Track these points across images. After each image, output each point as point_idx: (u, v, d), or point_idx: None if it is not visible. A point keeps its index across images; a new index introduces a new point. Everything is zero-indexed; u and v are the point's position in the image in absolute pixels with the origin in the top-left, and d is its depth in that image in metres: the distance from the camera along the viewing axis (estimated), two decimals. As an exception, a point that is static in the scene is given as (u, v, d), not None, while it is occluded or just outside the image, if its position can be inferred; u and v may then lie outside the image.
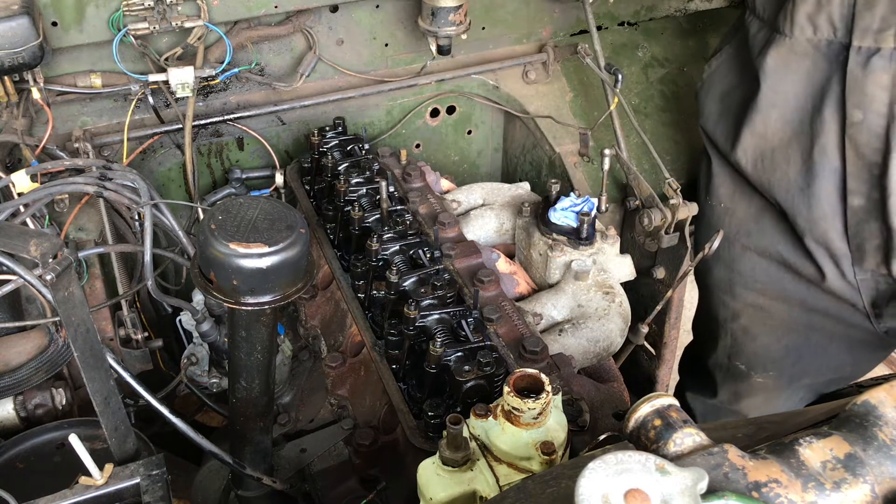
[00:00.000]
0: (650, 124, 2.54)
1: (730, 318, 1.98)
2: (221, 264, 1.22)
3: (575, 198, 1.99)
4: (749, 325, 1.94)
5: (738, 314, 1.96)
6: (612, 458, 0.75)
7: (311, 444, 1.90)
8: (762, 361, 1.98)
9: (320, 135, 2.18)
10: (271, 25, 2.24)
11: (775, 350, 1.94)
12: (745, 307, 1.93)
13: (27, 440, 1.64)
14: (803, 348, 1.90)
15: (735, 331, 1.98)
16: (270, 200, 1.31)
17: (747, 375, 2.02)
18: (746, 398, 2.11)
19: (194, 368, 2.04)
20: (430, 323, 1.61)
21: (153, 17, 2.03)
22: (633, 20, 2.69)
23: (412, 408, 1.56)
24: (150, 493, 1.29)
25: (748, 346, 1.98)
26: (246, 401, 1.50)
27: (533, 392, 1.17)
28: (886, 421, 0.84)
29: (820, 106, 1.59)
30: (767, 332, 1.92)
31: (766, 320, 1.91)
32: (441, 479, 1.17)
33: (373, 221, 1.90)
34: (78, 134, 2.07)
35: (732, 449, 0.82)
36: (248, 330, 1.36)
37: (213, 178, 2.43)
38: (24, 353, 1.77)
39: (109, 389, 1.31)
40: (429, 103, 2.55)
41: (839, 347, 1.87)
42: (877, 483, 0.80)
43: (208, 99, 2.29)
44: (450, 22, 2.25)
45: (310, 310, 1.98)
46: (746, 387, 2.06)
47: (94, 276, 1.98)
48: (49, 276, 1.09)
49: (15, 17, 1.77)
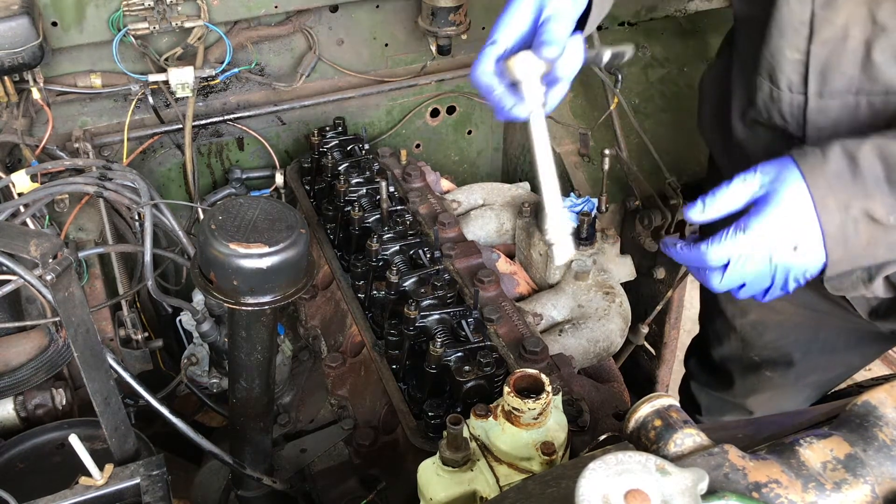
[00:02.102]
0: (650, 124, 2.54)
1: (739, 314, 1.99)
2: (221, 264, 1.22)
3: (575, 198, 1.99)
4: (759, 320, 1.95)
5: (747, 311, 1.97)
6: (612, 458, 0.75)
7: (311, 445, 1.90)
8: (773, 356, 1.99)
9: (320, 135, 2.18)
10: (271, 25, 2.24)
11: (784, 345, 1.95)
12: (753, 305, 1.93)
13: (27, 440, 1.64)
14: (812, 344, 1.90)
15: (745, 326, 1.99)
16: (270, 200, 1.31)
17: (760, 368, 2.03)
18: (754, 394, 2.11)
19: (194, 368, 2.04)
20: (430, 323, 1.61)
21: (153, 17, 2.03)
22: (633, 20, 2.69)
23: (412, 408, 1.56)
24: (150, 493, 1.29)
25: (758, 340, 1.99)
26: (246, 401, 1.50)
27: (533, 392, 1.17)
28: (887, 421, 0.84)
29: None
30: (776, 327, 1.93)
31: (775, 317, 1.91)
32: (441, 479, 1.17)
33: (373, 221, 1.90)
34: (78, 134, 2.07)
35: (733, 449, 0.82)
36: (249, 330, 1.36)
37: (213, 178, 2.43)
38: (24, 354, 1.77)
39: (109, 389, 1.31)
40: (429, 103, 2.55)
41: (847, 343, 1.87)
42: (877, 483, 0.80)
43: (208, 99, 2.29)
44: (450, 22, 2.25)
45: (310, 310, 1.98)
46: (757, 380, 2.07)
47: (95, 276, 1.98)
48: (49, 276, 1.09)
49: (15, 17, 1.77)
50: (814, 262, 1.22)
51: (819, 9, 1.30)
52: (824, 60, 1.34)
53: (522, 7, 1.26)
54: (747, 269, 1.23)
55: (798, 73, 1.39)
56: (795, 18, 1.33)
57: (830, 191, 1.17)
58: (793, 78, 1.40)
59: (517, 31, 1.26)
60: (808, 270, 1.23)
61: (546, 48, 1.20)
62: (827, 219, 1.17)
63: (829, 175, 1.17)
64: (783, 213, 1.19)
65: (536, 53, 1.21)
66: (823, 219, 1.17)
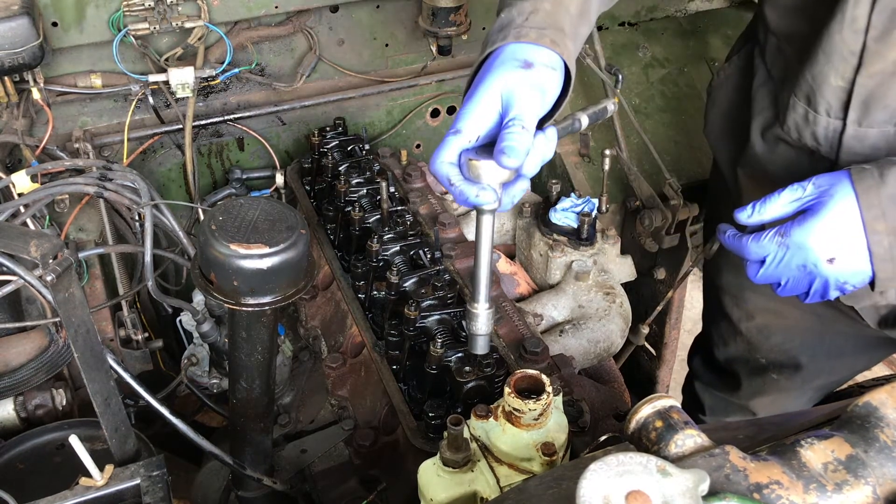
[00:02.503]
0: (650, 125, 2.54)
1: (744, 318, 1.98)
2: (222, 265, 1.22)
3: (575, 198, 1.99)
4: (765, 324, 1.95)
5: (752, 315, 1.96)
6: (613, 459, 0.75)
7: (311, 445, 1.90)
8: (779, 359, 1.98)
9: (320, 135, 2.18)
10: (271, 26, 2.24)
11: (791, 348, 1.94)
12: (759, 310, 1.93)
13: (27, 441, 1.63)
14: (818, 347, 1.90)
15: (750, 329, 1.99)
16: (271, 201, 1.31)
17: (766, 370, 2.03)
18: (759, 396, 2.11)
19: (194, 369, 2.04)
20: (430, 323, 1.61)
21: (153, 18, 2.03)
22: (633, 20, 2.69)
23: (413, 408, 1.56)
24: (150, 494, 1.29)
25: (764, 343, 1.98)
26: (246, 401, 1.50)
27: (534, 393, 1.17)
28: (888, 422, 0.84)
29: None
30: (783, 331, 1.93)
31: (781, 321, 1.91)
32: (441, 480, 1.17)
33: (373, 222, 1.90)
34: (78, 134, 2.07)
35: (734, 450, 0.81)
36: (249, 331, 1.36)
37: (213, 179, 2.43)
38: (24, 354, 1.77)
39: (110, 390, 1.31)
40: (429, 103, 2.54)
41: (854, 347, 1.87)
42: (878, 484, 0.80)
43: (208, 99, 2.29)
44: (450, 22, 2.25)
45: (310, 310, 1.98)
46: (763, 382, 2.07)
47: (95, 276, 1.98)
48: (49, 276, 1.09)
49: (15, 18, 1.77)
50: (854, 277, 1.23)
51: (872, 42, 1.28)
52: (870, 91, 1.33)
53: (488, 99, 1.16)
54: (782, 271, 1.25)
55: (839, 100, 1.38)
56: (846, 47, 1.32)
57: (882, 214, 1.18)
58: (833, 103, 1.39)
59: (482, 125, 1.17)
60: (847, 282, 1.24)
61: (507, 158, 1.12)
62: (876, 240, 1.19)
63: (883, 197, 1.18)
64: (826, 227, 1.20)
65: (497, 160, 1.13)
66: (872, 240, 1.19)
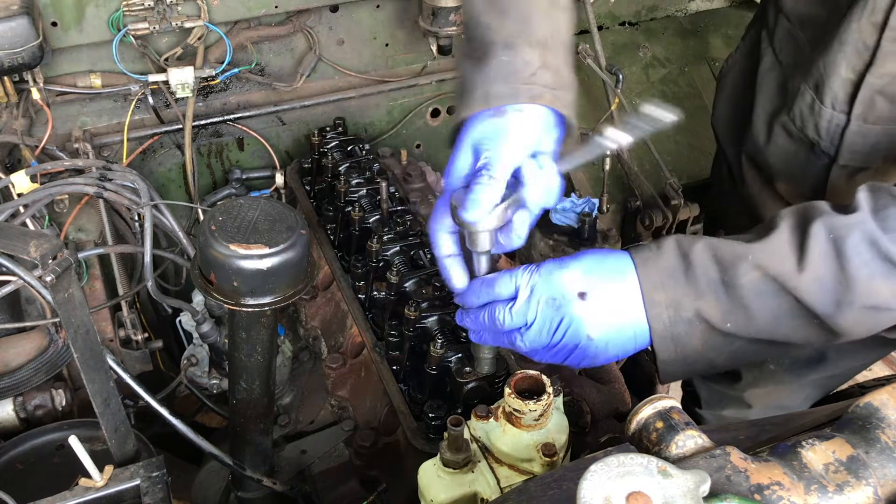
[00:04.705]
0: (651, 125, 2.54)
1: None
2: (221, 265, 1.22)
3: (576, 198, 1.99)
4: None
5: None
6: (613, 460, 0.74)
7: (311, 446, 1.89)
8: None
9: (320, 135, 2.18)
10: (271, 25, 2.24)
11: None
12: None
13: (27, 441, 1.63)
14: None
15: None
16: (271, 201, 1.31)
17: (765, 360, 2.02)
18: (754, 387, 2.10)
19: (194, 369, 2.04)
20: (430, 324, 1.61)
21: (153, 17, 2.02)
22: (633, 20, 2.69)
23: (413, 409, 1.55)
24: (150, 494, 1.29)
25: None
26: (246, 402, 1.50)
27: (534, 394, 1.17)
28: (889, 423, 0.83)
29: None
30: None
31: None
32: (442, 480, 1.16)
33: (373, 222, 1.89)
34: (78, 134, 2.07)
35: (735, 451, 0.81)
36: (249, 331, 1.36)
37: (213, 179, 2.43)
38: (23, 354, 1.76)
39: (109, 390, 1.30)
40: (429, 103, 2.54)
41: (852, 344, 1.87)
42: (879, 485, 0.80)
43: (208, 99, 2.29)
44: (450, 22, 2.25)
45: (310, 311, 1.98)
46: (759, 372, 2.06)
47: (94, 276, 1.98)
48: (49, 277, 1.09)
49: (15, 17, 1.77)
50: (616, 334, 1.12)
51: (887, 42, 1.26)
52: (878, 90, 1.31)
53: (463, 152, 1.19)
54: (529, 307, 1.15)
55: (846, 93, 1.35)
56: (862, 39, 1.29)
57: (662, 287, 1.10)
58: (839, 95, 1.36)
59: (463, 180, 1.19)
60: (608, 343, 1.13)
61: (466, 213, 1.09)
62: (655, 313, 1.10)
63: (661, 270, 1.11)
64: (585, 267, 1.13)
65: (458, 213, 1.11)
66: (651, 314, 1.10)
